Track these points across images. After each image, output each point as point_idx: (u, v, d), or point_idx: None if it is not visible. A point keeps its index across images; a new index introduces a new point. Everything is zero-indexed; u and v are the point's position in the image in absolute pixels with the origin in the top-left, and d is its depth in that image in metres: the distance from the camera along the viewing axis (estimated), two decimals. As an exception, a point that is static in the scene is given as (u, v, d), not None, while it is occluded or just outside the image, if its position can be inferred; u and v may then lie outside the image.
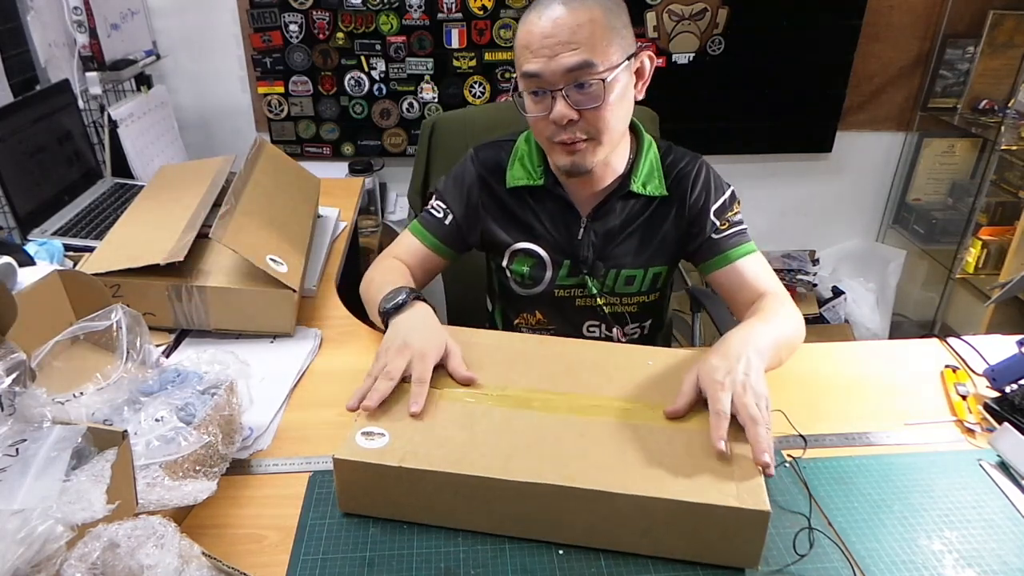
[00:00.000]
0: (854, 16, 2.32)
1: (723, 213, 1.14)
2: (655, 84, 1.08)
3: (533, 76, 1.00)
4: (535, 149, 1.15)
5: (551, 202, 1.16)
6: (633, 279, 1.18)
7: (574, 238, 1.15)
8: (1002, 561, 0.75)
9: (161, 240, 1.16)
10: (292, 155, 2.33)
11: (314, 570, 0.73)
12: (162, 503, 0.71)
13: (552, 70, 0.98)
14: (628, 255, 1.16)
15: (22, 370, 0.69)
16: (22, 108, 1.58)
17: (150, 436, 0.76)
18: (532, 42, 0.99)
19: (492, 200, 1.18)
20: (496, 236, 1.18)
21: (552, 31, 0.97)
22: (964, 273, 2.43)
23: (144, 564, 0.60)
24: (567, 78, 0.98)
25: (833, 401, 1.00)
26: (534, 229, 1.17)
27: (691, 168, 1.15)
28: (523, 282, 1.20)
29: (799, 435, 0.91)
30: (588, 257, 1.16)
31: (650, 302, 1.22)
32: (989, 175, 2.32)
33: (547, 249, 1.17)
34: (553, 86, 0.99)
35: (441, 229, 1.19)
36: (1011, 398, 0.97)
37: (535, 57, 0.98)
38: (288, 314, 1.14)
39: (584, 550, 0.75)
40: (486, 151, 1.19)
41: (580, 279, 1.18)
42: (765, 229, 2.68)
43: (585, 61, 0.97)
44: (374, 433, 0.79)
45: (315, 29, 2.26)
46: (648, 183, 1.14)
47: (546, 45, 0.97)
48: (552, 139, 1.04)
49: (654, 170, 1.14)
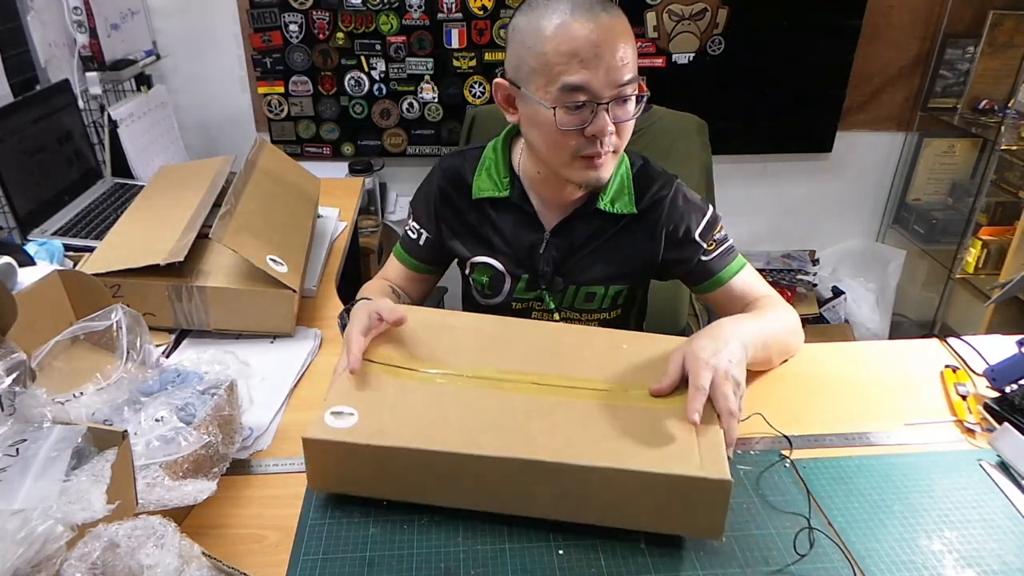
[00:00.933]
0: (854, 16, 2.32)
1: (709, 234, 1.11)
2: (655, 84, 1.08)
3: (580, 88, 0.93)
4: (502, 160, 1.13)
5: (515, 214, 1.13)
6: (594, 296, 1.15)
7: (535, 252, 1.13)
8: (1002, 561, 0.75)
9: (161, 240, 1.16)
10: (292, 155, 2.33)
11: (314, 570, 0.73)
12: (162, 503, 0.71)
13: (605, 82, 0.92)
14: (589, 271, 1.13)
15: (22, 370, 0.69)
16: (22, 108, 1.58)
17: (150, 436, 0.76)
18: (580, 49, 0.91)
19: (452, 214, 1.16)
20: (456, 249, 1.18)
21: (604, 39, 0.91)
22: (964, 273, 2.43)
23: (144, 564, 0.60)
24: (616, 92, 0.93)
25: (833, 401, 1.00)
26: (492, 243, 1.14)
27: (666, 192, 1.10)
28: (483, 291, 1.19)
29: (783, 436, 0.91)
30: (547, 272, 1.13)
31: (611, 319, 1.19)
32: (989, 175, 2.32)
33: (505, 262, 1.15)
34: (600, 99, 0.93)
35: (418, 250, 1.20)
36: (1011, 398, 0.97)
37: (585, 67, 0.91)
38: (288, 314, 1.14)
39: (584, 550, 0.75)
40: (450, 161, 1.18)
41: (538, 293, 1.15)
42: (765, 229, 2.69)
43: (633, 76, 0.94)
44: (343, 412, 0.80)
45: (315, 29, 2.26)
46: (617, 200, 1.10)
47: (599, 55, 0.91)
48: (578, 154, 0.98)
49: (624, 187, 1.11)
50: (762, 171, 2.58)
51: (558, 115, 0.94)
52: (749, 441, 0.91)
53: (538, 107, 0.96)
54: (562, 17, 0.92)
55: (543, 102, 0.95)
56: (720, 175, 1.59)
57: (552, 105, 0.94)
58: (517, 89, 1.00)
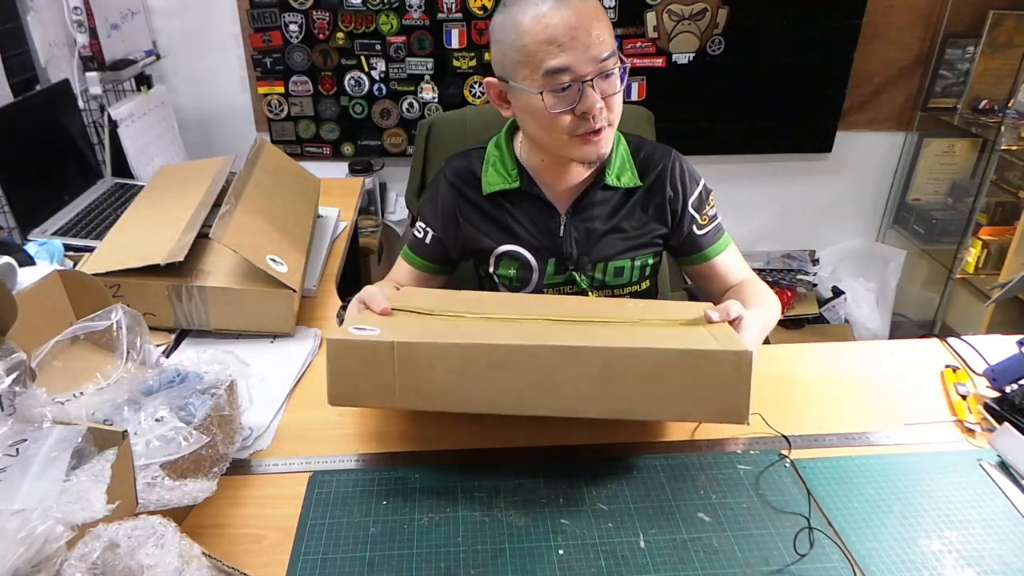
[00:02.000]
0: (854, 16, 2.32)
1: (701, 208, 1.16)
2: (655, 84, 1.08)
3: (562, 70, 0.97)
4: (506, 152, 1.15)
5: (528, 203, 1.15)
6: (622, 270, 1.18)
7: (555, 236, 1.15)
8: (1002, 561, 0.75)
9: (161, 240, 1.16)
10: (292, 155, 2.33)
11: (314, 570, 0.73)
12: (162, 503, 0.71)
13: (584, 60, 0.97)
14: (613, 247, 1.16)
15: (22, 370, 0.69)
16: (22, 108, 1.58)
17: (150, 436, 0.76)
18: (557, 35, 0.96)
19: (470, 207, 1.17)
20: (479, 242, 1.18)
21: (578, 22, 0.96)
22: (964, 273, 2.43)
23: (144, 564, 0.60)
24: (597, 68, 0.98)
25: (833, 401, 1.00)
26: (514, 231, 1.16)
27: (666, 161, 1.16)
28: (511, 285, 1.20)
29: (782, 436, 0.91)
30: (572, 253, 1.15)
31: (641, 291, 1.22)
32: (989, 175, 2.32)
33: (530, 250, 1.17)
34: (583, 77, 0.98)
35: (426, 250, 1.21)
36: (1011, 398, 0.97)
37: (563, 51, 0.96)
38: (288, 314, 1.14)
39: (584, 550, 0.75)
40: (456, 161, 1.20)
41: (568, 275, 1.17)
42: (765, 229, 2.69)
43: (611, 51, 0.98)
44: (366, 329, 0.81)
45: (315, 29, 2.26)
46: (622, 175, 1.14)
47: (576, 36, 0.96)
48: (574, 133, 1.02)
49: (626, 163, 1.15)
50: (762, 171, 2.58)
51: (547, 99, 0.99)
52: (748, 441, 0.92)
53: (528, 96, 1.01)
54: (535, 9, 0.97)
55: (531, 90, 1.00)
56: (720, 175, 1.60)
57: (539, 91, 0.99)
58: (507, 84, 1.04)
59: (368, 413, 0.97)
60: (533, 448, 0.91)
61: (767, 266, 2.61)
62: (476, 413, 0.84)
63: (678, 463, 0.88)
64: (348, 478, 0.86)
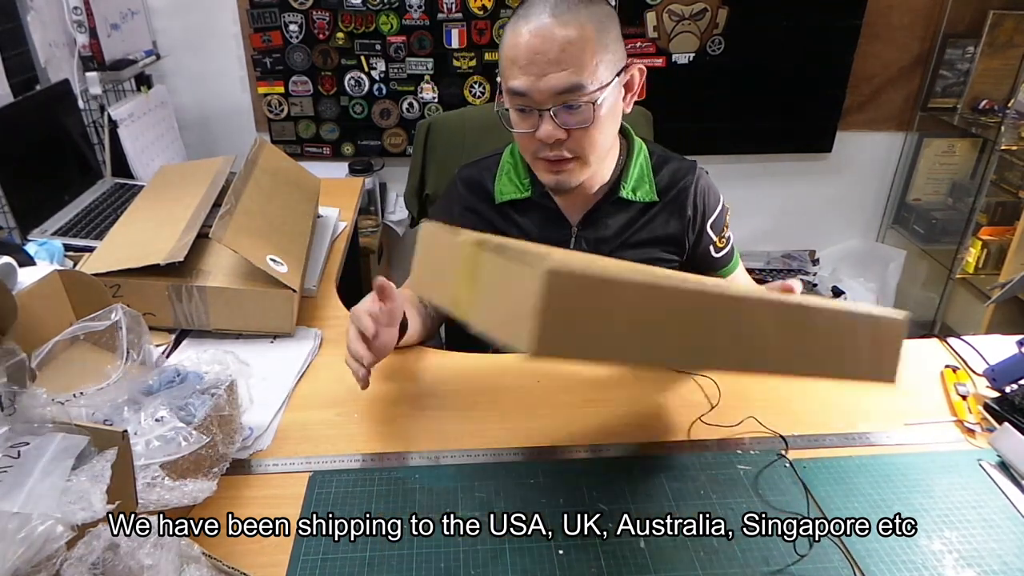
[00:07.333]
0: (854, 16, 2.32)
1: (719, 229, 1.14)
2: (655, 84, 1.08)
3: (519, 94, 0.95)
4: (520, 161, 1.13)
5: (539, 213, 1.14)
6: None
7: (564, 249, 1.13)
8: (1002, 561, 0.75)
9: (161, 240, 1.16)
10: (292, 155, 2.33)
11: (314, 570, 0.73)
12: (162, 503, 0.71)
13: (540, 89, 0.93)
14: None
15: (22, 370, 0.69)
16: (22, 108, 1.58)
17: (150, 436, 0.76)
18: (519, 56, 0.93)
19: (479, 221, 1.16)
20: None
21: (541, 47, 0.91)
22: (964, 273, 2.43)
23: (144, 564, 0.60)
24: (556, 99, 0.94)
25: (833, 401, 1.00)
26: None
27: (690, 178, 1.13)
28: None
29: (779, 436, 0.91)
30: None
31: None
32: (989, 175, 2.32)
33: None
34: (540, 106, 0.94)
35: None
36: (1011, 398, 0.97)
37: (523, 74, 0.93)
38: (288, 314, 1.14)
39: (584, 550, 0.75)
40: (468, 171, 1.19)
41: None
42: (765, 229, 2.69)
43: (575, 84, 0.92)
44: None
45: (315, 29, 2.26)
46: (638, 189, 1.11)
47: (535, 62, 0.92)
48: (537, 155, 1.00)
49: (644, 176, 1.12)
50: (762, 171, 2.58)
51: (512, 116, 0.99)
52: (748, 441, 0.92)
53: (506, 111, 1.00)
54: (520, 25, 0.94)
55: (503, 103, 0.99)
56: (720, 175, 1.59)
57: (508, 107, 0.98)
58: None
59: (368, 413, 0.97)
60: (533, 448, 0.91)
61: (767, 266, 2.61)
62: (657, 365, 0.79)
63: (678, 463, 0.88)
64: (348, 478, 0.86)
